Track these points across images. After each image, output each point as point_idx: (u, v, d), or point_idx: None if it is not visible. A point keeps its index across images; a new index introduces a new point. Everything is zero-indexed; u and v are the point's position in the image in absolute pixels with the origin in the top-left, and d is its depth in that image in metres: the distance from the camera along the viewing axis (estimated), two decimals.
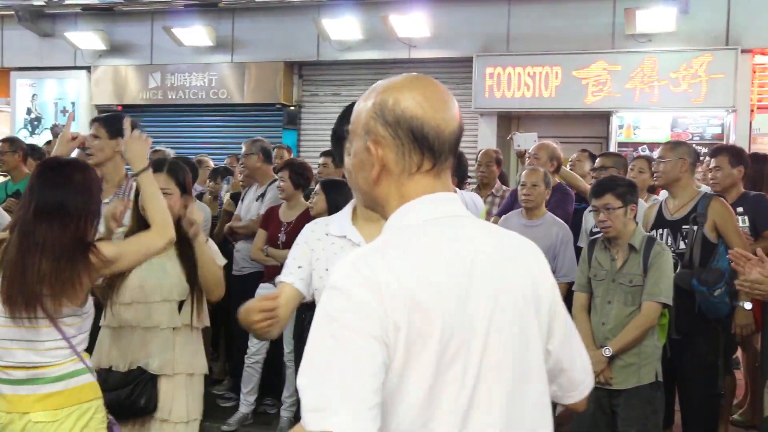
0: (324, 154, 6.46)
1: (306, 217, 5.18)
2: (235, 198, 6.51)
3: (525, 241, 1.61)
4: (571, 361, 1.63)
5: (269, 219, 5.58)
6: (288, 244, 5.20)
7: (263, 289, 5.42)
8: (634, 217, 4.01)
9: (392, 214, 1.52)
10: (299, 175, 5.58)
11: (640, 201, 4.69)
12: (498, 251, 1.50)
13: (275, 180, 5.96)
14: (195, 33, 11.67)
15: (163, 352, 3.41)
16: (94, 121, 4.24)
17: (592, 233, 5.04)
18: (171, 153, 8.10)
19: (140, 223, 3.32)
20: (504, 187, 6.41)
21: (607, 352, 3.80)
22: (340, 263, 1.41)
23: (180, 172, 3.52)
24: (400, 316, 1.33)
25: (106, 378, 3.32)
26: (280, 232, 5.42)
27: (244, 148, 6.27)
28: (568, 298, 4.47)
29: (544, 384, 1.53)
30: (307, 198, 5.47)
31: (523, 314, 1.48)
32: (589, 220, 5.14)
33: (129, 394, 3.30)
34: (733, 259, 3.03)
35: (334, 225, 2.43)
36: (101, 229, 3.20)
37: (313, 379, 1.31)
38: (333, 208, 3.80)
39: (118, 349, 3.43)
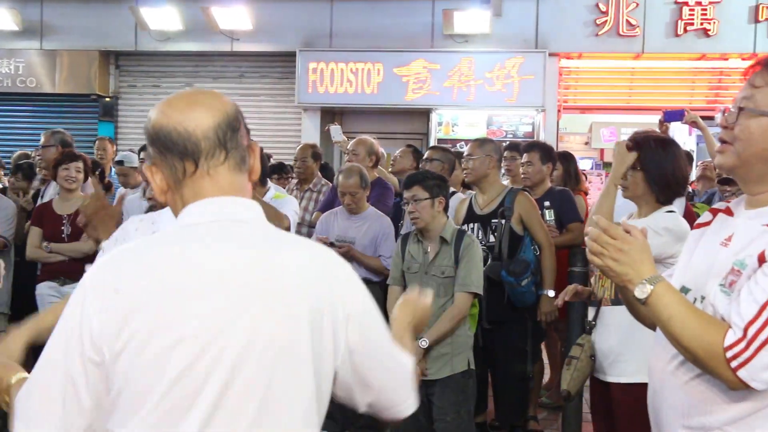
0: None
1: None
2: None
3: (312, 255, 1.53)
4: (380, 380, 1.56)
5: (43, 215, 5.34)
6: (75, 236, 5.11)
7: (51, 288, 5.14)
8: (445, 210, 4.13)
9: None
10: (89, 167, 5.56)
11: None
12: (250, 262, 1.44)
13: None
14: None
15: None
16: None
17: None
18: None
19: None
20: (324, 181, 6.41)
21: (424, 343, 3.89)
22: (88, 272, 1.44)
23: None
24: (122, 331, 1.35)
25: None
26: (63, 225, 5.24)
27: (42, 140, 5.92)
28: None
29: (312, 403, 1.46)
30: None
31: (282, 330, 1.41)
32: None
33: None
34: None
35: (163, 224, 2.36)
36: None
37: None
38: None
39: None
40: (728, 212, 1.89)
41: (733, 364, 1.62)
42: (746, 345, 1.61)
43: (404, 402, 1.62)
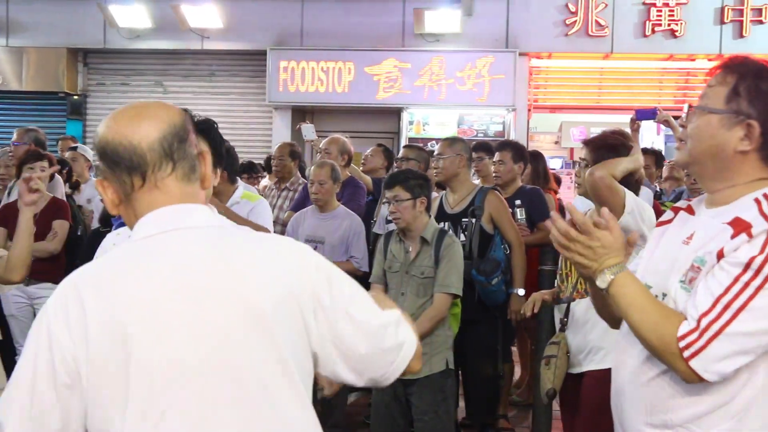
0: None
1: (52, 206, 5.21)
2: None
3: (272, 249, 1.55)
4: (361, 347, 1.55)
5: (8, 216, 5.28)
6: (41, 235, 5.05)
7: (16, 288, 5.08)
8: (427, 210, 4.12)
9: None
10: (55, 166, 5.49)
11: None
12: (209, 265, 1.46)
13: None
14: None
15: None
16: None
17: (387, 221, 5.18)
18: None
19: None
20: (301, 180, 6.40)
21: None
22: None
23: None
24: (93, 347, 1.37)
25: None
26: None
27: (14, 137, 5.84)
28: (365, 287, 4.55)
29: (297, 391, 1.49)
30: None
31: (245, 328, 1.43)
32: (384, 207, 5.28)
33: None
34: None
35: None
36: None
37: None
38: None
39: None
40: (690, 210, 1.92)
41: (686, 354, 1.65)
42: (699, 335, 1.64)
43: (391, 364, 1.60)
